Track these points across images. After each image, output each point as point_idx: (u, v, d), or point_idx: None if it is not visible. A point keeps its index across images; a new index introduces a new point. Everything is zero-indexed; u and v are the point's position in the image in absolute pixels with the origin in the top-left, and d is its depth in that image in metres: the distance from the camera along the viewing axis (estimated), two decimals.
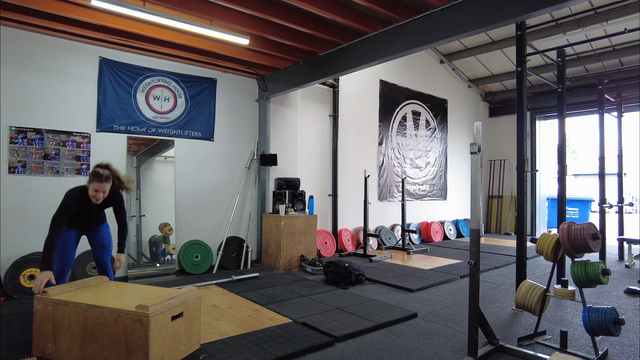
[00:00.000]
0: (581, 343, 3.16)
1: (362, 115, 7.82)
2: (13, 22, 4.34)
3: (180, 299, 2.73)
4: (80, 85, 4.92)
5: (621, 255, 6.67)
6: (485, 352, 2.88)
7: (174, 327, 2.64)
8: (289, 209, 6.00)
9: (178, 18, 4.11)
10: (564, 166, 4.80)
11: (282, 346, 2.97)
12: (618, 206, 6.63)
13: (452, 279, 5.26)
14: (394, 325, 3.54)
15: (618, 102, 6.95)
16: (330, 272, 5.02)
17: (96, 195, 3.10)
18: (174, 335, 2.65)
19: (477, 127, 2.91)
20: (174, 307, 2.65)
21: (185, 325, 2.75)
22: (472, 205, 2.92)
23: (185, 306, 2.75)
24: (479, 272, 2.86)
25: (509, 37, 7.93)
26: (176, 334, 2.67)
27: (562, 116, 4.92)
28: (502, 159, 10.36)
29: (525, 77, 4.34)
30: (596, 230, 2.93)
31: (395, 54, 4.48)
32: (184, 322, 2.75)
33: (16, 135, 4.51)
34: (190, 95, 5.78)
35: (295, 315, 3.68)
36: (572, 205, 10.54)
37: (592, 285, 2.93)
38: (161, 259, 5.44)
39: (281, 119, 6.47)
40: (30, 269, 4.34)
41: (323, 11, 4.26)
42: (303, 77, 5.67)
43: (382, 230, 7.86)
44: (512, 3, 3.41)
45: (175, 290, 2.88)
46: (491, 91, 10.55)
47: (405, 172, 8.59)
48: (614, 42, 7.57)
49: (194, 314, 2.86)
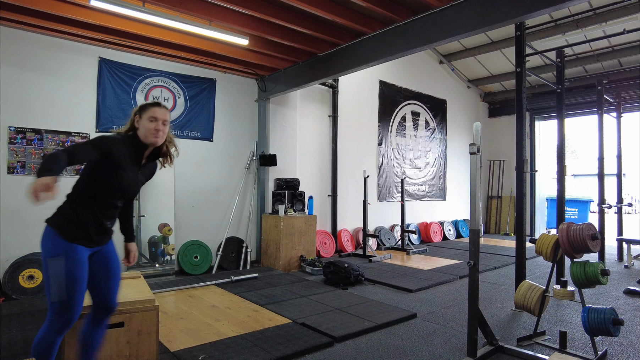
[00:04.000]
0: (580, 343, 3.16)
1: (362, 116, 7.82)
2: (13, 22, 4.34)
3: (120, 308, 2.41)
4: (80, 85, 4.92)
5: (620, 256, 6.67)
6: (484, 352, 2.88)
7: (107, 337, 2.42)
8: (289, 209, 6.00)
9: (177, 18, 4.11)
10: (563, 166, 4.81)
11: (281, 346, 2.97)
12: (617, 206, 6.64)
13: (452, 280, 5.26)
14: (393, 325, 3.54)
15: (617, 102, 6.96)
16: (330, 272, 5.02)
17: (156, 127, 2.05)
18: (107, 346, 2.45)
19: (476, 128, 2.91)
20: None
21: (127, 337, 2.53)
22: (471, 205, 2.92)
23: (128, 317, 2.52)
24: (478, 272, 2.86)
25: (509, 38, 7.94)
26: (111, 345, 2.48)
27: (561, 117, 4.92)
28: (501, 159, 10.37)
29: (525, 77, 4.35)
30: (595, 230, 2.93)
31: (394, 55, 4.48)
32: (125, 333, 2.52)
33: (15, 135, 4.51)
34: (189, 96, 5.77)
35: (294, 316, 3.67)
36: (572, 205, 10.55)
37: (592, 285, 2.93)
38: (160, 260, 5.43)
39: (281, 119, 6.47)
40: (29, 270, 4.33)
41: (322, 12, 4.26)
42: (302, 78, 5.67)
43: (382, 231, 7.86)
44: (512, 4, 3.41)
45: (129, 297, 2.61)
46: (490, 92, 10.56)
47: (405, 172, 8.60)
48: (613, 42, 7.59)
49: (145, 327, 2.59)
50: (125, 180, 2.02)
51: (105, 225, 2.08)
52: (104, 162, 1.95)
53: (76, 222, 1.96)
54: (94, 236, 2.01)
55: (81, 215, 1.97)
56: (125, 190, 2.08)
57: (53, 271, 1.87)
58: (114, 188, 2.01)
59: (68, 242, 1.92)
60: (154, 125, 2.05)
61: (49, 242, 1.92)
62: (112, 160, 1.95)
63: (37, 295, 4.30)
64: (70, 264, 1.89)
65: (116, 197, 2.07)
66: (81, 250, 1.95)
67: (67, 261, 1.89)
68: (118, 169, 1.98)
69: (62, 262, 1.88)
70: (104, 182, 1.98)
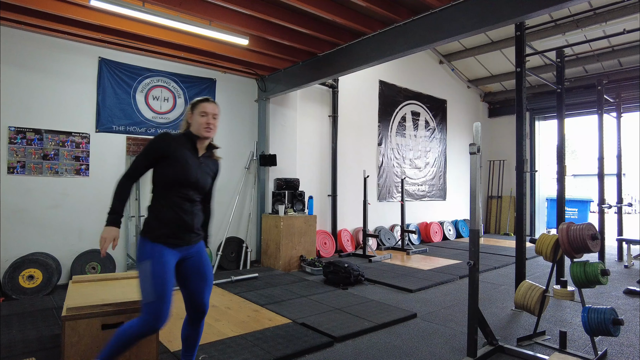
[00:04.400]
0: (580, 343, 3.16)
1: (362, 116, 7.82)
2: (12, 22, 4.34)
3: (120, 307, 2.49)
4: (80, 85, 4.92)
5: (620, 256, 6.67)
6: (484, 352, 2.88)
7: (107, 337, 2.36)
8: (289, 209, 6.00)
9: (177, 18, 4.11)
10: (563, 167, 4.81)
11: (281, 347, 2.97)
12: (617, 206, 6.64)
13: (452, 280, 5.26)
14: (393, 325, 3.54)
15: (617, 102, 6.96)
16: (330, 272, 5.02)
17: (207, 121, 2.17)
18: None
19: (476, 128, 2.91)
20: (107, 315, 2.45)
21: None
22: (471, 205, 2.91)
23: (128, 317, 2.51)
24: (478, 272, 2.86)
25: (509, 38, 7.94)
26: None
27: (561, 117, 4.92)
28: (501, 159, 10.37)
29: (525, 77, 4.35)
30: (595, 230, 2.93)
31: (394, 55, 4.48)
32: None
33: (15, 135, 4.51)
34: (189, 96, 5.77)
35: (294, 316, 3.67)
36: (571, 205, 10.55)
37: (591, 285, 2.93)
38: None
39: (280, 119, 6.47)
40: (29, 269, 4.33)
41: (322, 12, 4.26)
42: (302, 78, 5.67)
43: (382, 231, 7.86)
44: (512, 4, 3.41)
45: (129, 297, 2.61)
46: (490, 92, 10.56)
47: (405, 172, 8.60)
48: (613, 42, 7.59)
49: None
50: (186, 166, 2.12)
51: (187, 221, 2.14)
52: (162, 160, 2.10)
53: (159, 221, 2.09)
54: (178, 233, 2.11)
55: (161, 214, 2.10)
56: (191, 177, 2.13)
57: (142, 275, 2.03)
58: (179, 176, 2.10)
59: (154, 245, 2.05)
60: (205, 119, 2.17)
61: (139, 250, 2.10)
62: (168, 154, 2.09)
63: (37, 295, 4.30)
64: (155, 266, 2.01)
65: (186, 186, 2.14)
66: (166, 252, 2.07)
67: (152, 264, 2.02)
68: (176, 158, 2.10)
69: (149, 265, 2.02)
70: (168, 174, 2.10)
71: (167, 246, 2.08)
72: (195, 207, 2.21)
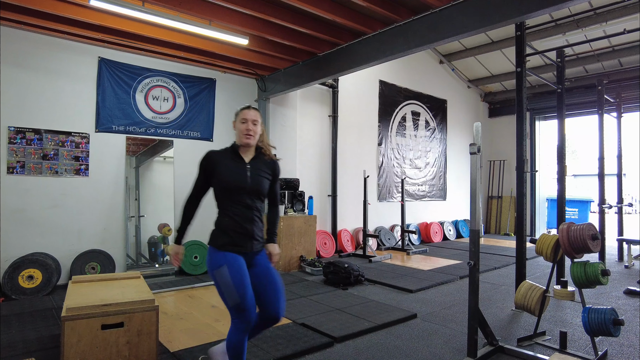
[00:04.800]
0: (581, 344, 3.16)
1: (362, 116, 7.82)
2: (12, 22, 4.34)
3: (120, 308, 2.48)
4: (79, 85, 4.92)
5: (620, 256, 6.67)
6: (484, 352, 2.87)
7: (107, 337, 2.43)
8: (288, 209, 6.00)
9: (177, 18, 4.11)
10: (563, 167, 4.80)
11: (281, 347, 2.97)
12: (617, 207, 6.63)
13: (452, 280, 5.26)
14: (393, 326, 3.53)
15: (617, 102, 6.95)
16: (330, 272, 5.02)
17: (247, 127, 2.27)
18: (106, 347, 2.44)
19: (476, 128, 2.91)
20: (107, 315, 2.46)
21: (127, 338, 2.51)
22: (471, 205, 2.91)
23: (128, 317, 2.51)
24: (478, 272, 2.85)
25: (509, 38, 7.93)
26: (110, 345, 2.46)
27: (561, 117, 4.92)
28: (501, 159, 10.37)
29: (525, 77, 4.34)
30: (595, 230, 2.93)
31: (394, 55, 4.48)
32: (125, 334, 2.50)
33: (15, 135, 4.51)
34: (189, 96, 5.77)
35: (294, 316, 3.67)
36: (572, 205, 10.54)
37: (592, 285, 2.93)
38: (160, 260, 5.43)
39: (280, 119, 6.47)
40: (29, 270, 4.33)
41: (322, 11, 4.25)
42: (302, 78, 5.67)
43: (382, 231, 7.85)
44: (512, 3, 3.41)
45: (128, 297, 2.64)
46: (491, 91, 10.56)
47: (405, 172, 8.59)
48: (613, 42, 7.58)
49: (145, 328, 2.57)
50: (230, 174, 2.22)
51: (246, 228, 2.21)
52: (211, 176, 2.27)
53: (221, 230, 2.22)
54: (238, 240, 2.19)
55: (222, 223, 2.23)
56: (237, 182, 2.21)
57: (219, 281, 2.12)
58: (223, 184, 2.22)
59: (221, 252, 2.17)
60: (245, 126, 2.28)
61: (208, 259, 2.21)
62: (213, 168, 2.25)
63: (36, 295, 4.30)
64: (231, 269, 2.11)
65: (236, 193, 2.22)
66: (236, 256, 2.17)
67: (228, 268, 2.11)
68: (220, 170, 2.23)
69: (225, 270, 2.11)
70: (215, 185, 2.27)
71: (231, 252, 2.18)
72: (253, 212, 2.25)
